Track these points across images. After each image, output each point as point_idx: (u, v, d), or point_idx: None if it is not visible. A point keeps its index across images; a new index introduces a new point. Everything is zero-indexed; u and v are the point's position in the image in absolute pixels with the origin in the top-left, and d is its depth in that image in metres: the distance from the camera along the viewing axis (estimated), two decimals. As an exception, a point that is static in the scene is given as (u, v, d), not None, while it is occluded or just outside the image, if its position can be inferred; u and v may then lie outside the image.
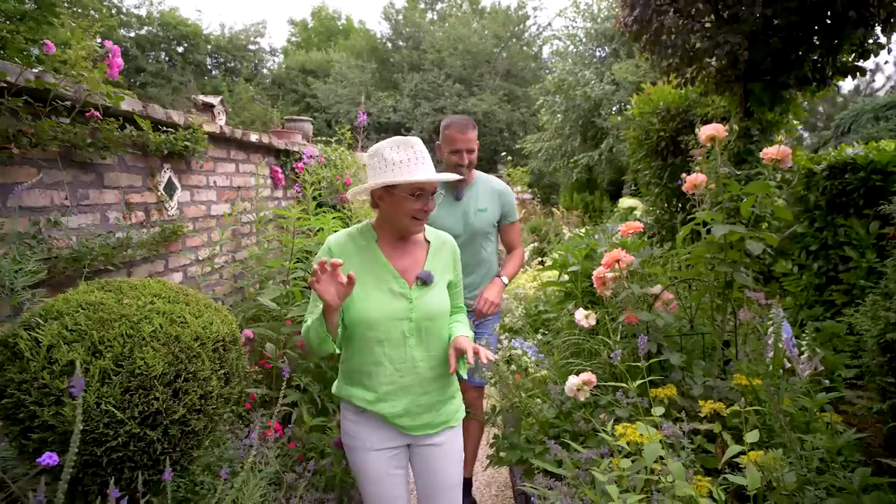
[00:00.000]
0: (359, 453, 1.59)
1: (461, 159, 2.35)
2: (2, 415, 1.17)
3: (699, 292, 2.50)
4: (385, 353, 1.53)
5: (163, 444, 1.26)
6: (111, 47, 1.89)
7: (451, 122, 2.38)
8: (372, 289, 1.52)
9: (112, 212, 2.40)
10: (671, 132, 4.83)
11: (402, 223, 1.53)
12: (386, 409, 1.55)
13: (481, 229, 2.46)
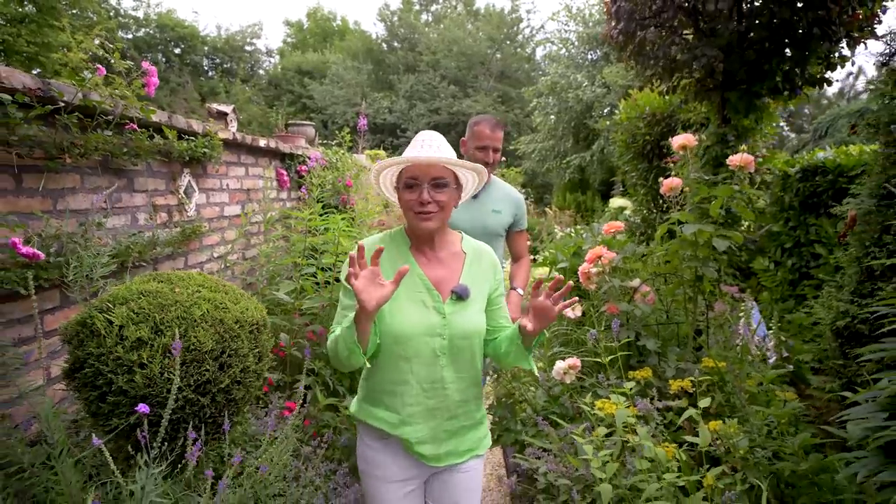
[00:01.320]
0: (375, 482, 1.46)
1: (487, 156, 2.36)
2: (82, 382, 1.41)
3: (673, 285, 2.76)
4: (413, 371, 1.39)
5: (211, 409, 1.50)
6: (149, 68, 2.13)
7: (482, 119, 2.41)
8: (403, 300, 1.37)
9: (140, 213, 2.63)
10: (656, 136, 5.11)
11: (408, 220, 1.44)
12: (408, 434, 1.41)
13: (494, 231, 2.46)
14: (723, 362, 2.37)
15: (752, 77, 3.74)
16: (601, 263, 2.75)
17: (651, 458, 1.79)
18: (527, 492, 2.31)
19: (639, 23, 3.80)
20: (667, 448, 1.85)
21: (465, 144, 2.46)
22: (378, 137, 18.75)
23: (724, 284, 3.30)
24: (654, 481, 1.70)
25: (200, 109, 18.25)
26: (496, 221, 2.47)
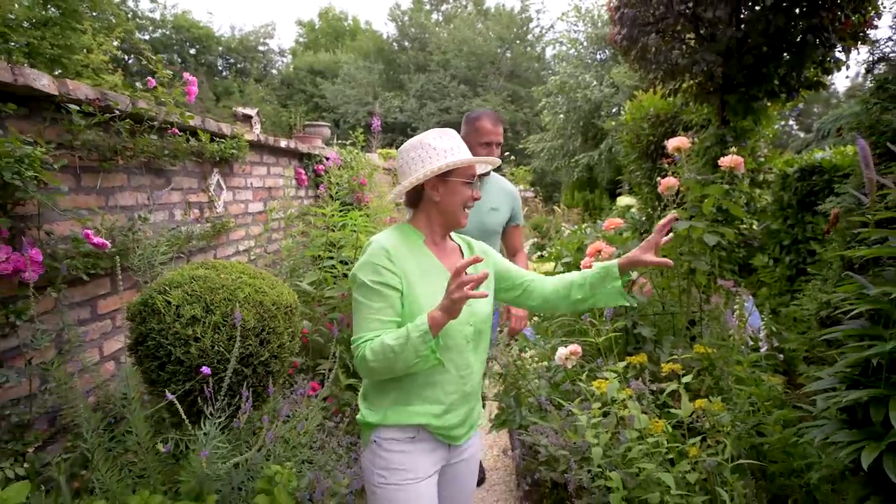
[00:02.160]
0: (407, 488, 1.42)
1: (490, 152, 2.29)
2: (144, 354, 1.65)
3: (668, 278, 2.95)
4: (451, 359, 1.42)
5: (252, 380, 1.73)
6: (189, 78, 2.36)
7: (483, 114, 2.34)
8: (437, 294, 1.35)
9: (177, 210, 2.87)
10: (660, 136, 5.28)
11: (456, 214, 1.46)
12: (451, 420, 1.45)
13: (492, 228, 2.42)
14: (713, 349, 2.55)
15: (750, 81, 3.91)
16: (601, 258, 2.95)
17: (641, 430, 1.99)
18: (530, 466, 2.52)
19: (641, 28, 3.99)
20: (656, 422, 2.05)
21: (464, 140, 2.48)
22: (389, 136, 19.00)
23: (721, 279, 3.48)
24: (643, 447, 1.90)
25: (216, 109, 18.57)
26: (494, 220, 2.42)
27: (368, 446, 1.46)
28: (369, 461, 1.45)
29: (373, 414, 1.45)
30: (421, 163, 1.42)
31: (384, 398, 1.44)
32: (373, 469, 1.44)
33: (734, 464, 1.88)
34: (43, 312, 1.90)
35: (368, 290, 1.36)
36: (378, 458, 1.43)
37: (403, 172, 1.46)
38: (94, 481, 1.45)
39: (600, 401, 2.20)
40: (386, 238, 1.43)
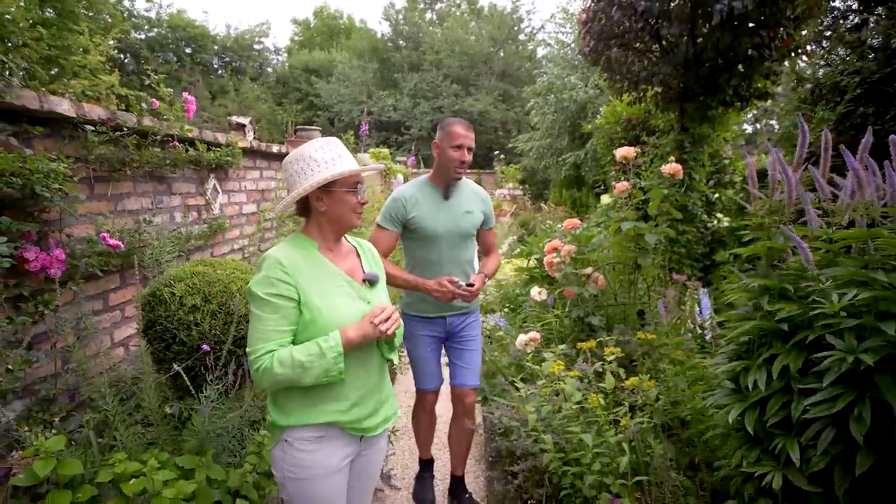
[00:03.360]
0: (316, 483, 1.46)
1: (463, 156, 2.34)
2: (152, 337, 1.98)
3: (618, 272, 3.28)
4: (357, 356, 1.48)
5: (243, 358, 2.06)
6: (189, 98, 2.68)
7: (454, 120, 2.40)
8: (334, 297, 1.46)
9: (177, 213, 3.19)
10: (631, 139, 5.61)
11: (346, 219, 1.51)
12: (359, 413, 1.50)
13: (467, 231, 2.47)
14: (653, 335, 2.89)
15: (706, 91, 4.24)
16: (562, 254, 3.29)
17: (580, 403, 2.33)
18: (493, 437, 2.86)
19: (606, 42, 4.30)
20: (594, 397, 2.39)
21: (437, 146, 2.39)
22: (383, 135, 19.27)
23: (678, 273, 3.82)
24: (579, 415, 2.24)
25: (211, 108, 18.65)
26: (469, 222, 2.47)
27: (279, 444, 1.48)
28: (279, 458, 1.47)
29: (282, 416, 1.46)
30: (304, 175, 1.44)
31: (291, 401, 1.45)
32: (283, 465, 1.46)
33: (650, 427, 2.22)
34: (64, 304, 2.23)
35: (264, 303, 1.39)
36: (288, 456, 1.45)
37: (289, 185, 1.49)
38: (116, 439, 1.78)
39: (547, 379, 2.55)
40: (280, 251, 1.45)
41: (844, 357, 1.35)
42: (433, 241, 2.41)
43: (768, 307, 1.64)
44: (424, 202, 2.40)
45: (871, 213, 1.53)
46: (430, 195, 2.42)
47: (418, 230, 2.39)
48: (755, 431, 1.65)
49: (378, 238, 2.39)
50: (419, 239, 2.42)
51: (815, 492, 1.47)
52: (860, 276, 1.41)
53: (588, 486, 2.09)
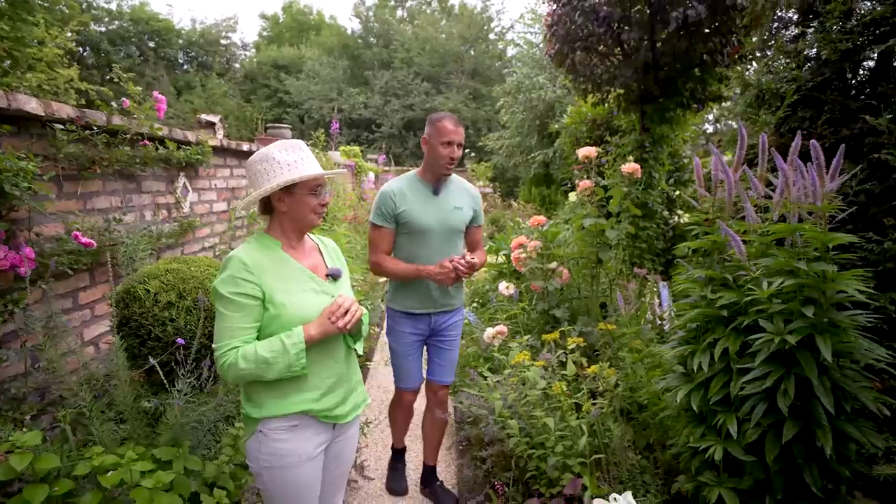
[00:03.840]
0: (291, 470, 1.52)
1: (453, 152, 2.33)
2: (127, 333, 2.01)
3: (581, 266, 3.44)
4: (323, 347, 1.52)
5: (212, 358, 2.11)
6: (159, 97, 2.69)
7: (444, 116, 2.38)
8: (299, 293, 1.51)
9: (146, 211, 3.18)
10: (596, 139, 5.81)
11: (307, 220, 1.55)
12: (331, 402, 1.55)
13: (456, 227, 2.46)
14: (614, 326, 3.05)
15: (664, 93, 4.45)
16: (527, 250, 3.42)
17: (544, 390, 2.46)
18: (462, 426, 2.97)
19: (570, 45, 4.46)
20: (558, 384, 2.52)
21: (426, 141, 2.38)
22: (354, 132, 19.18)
23: (639, 268, 4.01)
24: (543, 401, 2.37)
25: (176, 104, 18.21)
26: (458, 218, 2.46)
27: (253, 435, 1.52)
28: (255, 449, 1.52)
29: (255, 409, 1.50)
30: (266, 176, 1.48)
31: (263, 393, 1.50)
32: (258, 455, 1.51)
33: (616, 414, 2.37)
34: (34, 302, 2.22)
35: (228, 302, 1.43)
36: (263, 446, 1.50)
37: (252, 184, 1.52)
38: (92, 434, 1.81)
39: (514, 369, 2.67)
40: (244, 252, 1.49)
41: (773, 338, 1.51)
42: (422, 237, 2.39)
43: (711, 296, 1.80)
44: (413, 197, 2.39)
45: (801, 209, 1.70)
46: (420, 190, 2.41)
47: (408, 225, 2.37)
48: (700, 410, 1.81)
49: (375, 237, 2.39)
50: (408, 234, 2.40)
51: (749, 460, 1.63)
52: (787, 266, 1.57)
53: (551, 467, 2.22)
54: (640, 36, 4.06)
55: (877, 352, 1.52)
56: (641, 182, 3.99)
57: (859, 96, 2.30)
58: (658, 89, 4.43)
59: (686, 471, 2.00)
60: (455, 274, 2.28)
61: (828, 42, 2.25)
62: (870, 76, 2.32)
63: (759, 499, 1.65)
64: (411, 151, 18.92)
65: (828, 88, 2.37)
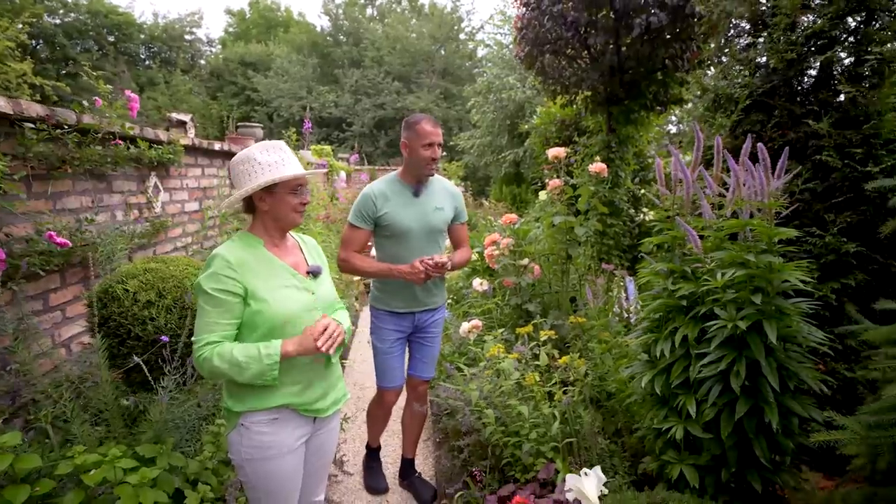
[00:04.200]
0: (273, 462, 1.56)
1: (434, 153, 2.35)
2: (106, 333, 2.01)
3: (552, 262, 3.57)
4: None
5: (199, 351, 2.13)
6: (131, 96, 2.67)
7: (423, 118, 2.40)
8: (281, 289, 1.55)
9: (118, 211, 3.14)
10: (564, 139, 5.98)
11: (289, 218, 1.59)
12: (312, 395, 1.60)
13: (437, 227, 2.48)
14: (583, 319, 3.18)
15: (629, 95, 4.64)
16: (500, 247, 3.53)
17: (518, 381, 2.56)
18: (439, 419, 3.05)
19: (539, 48, 4.60)
20: (531, 375, 2.63)
21: (406, 145, 2.40)
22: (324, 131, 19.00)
23: (607, 263, 4.17)
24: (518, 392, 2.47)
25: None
26: (439, 218, 2.48)
27: (235, 429, 1.56)
28: (237, 441, 1.55)
29: (237, 403, 1.54)
30: (248, 176, 1.53)
31: (245, 388, 1.53)
32: (240, 448, 1.55)
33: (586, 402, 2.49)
34: (4, 304, 2.19)
35: (210, 298, 1.47)
36: (245, 439, 1.54)
37: (235, 184, 1.57)
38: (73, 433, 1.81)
39: (489, 361, 2.77)
40: (227, 250, 1.53)
41: (726, 325, 1.65)
42: (404, 238, 2.42)
43: (671, 287, 1.93)
44: (395, 199, 2.41)
45: (752, 206, 1.85)
46: (401, 192, 2.43)
47: (389, 227, 2.40)
48: (663, 393, 1.94)
49: (351, 237, 2.41)
50: (390, 236, 2.43)
51: (707, 438, 1.77)
52: (738, 258, 1.71)
53: (526, 454, 2.33)
54: (605, 40, 4.22)
55: (817, 335, 1.68)
56: (608, 181, 4.15)
57: (804, 102, 2.48)
58: (623, 92, 4.61)
59: (651, 452, 2.13)
60: (425, 275, 2.32)
61: (775, 52, 2.42)
62: (813, 84, 2.51)
63: (715, 472, 1.79)
64: (382, 150, 18.88)
65: (776, 94, 2.55)
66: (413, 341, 2.65)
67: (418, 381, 2.68)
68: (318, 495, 1.83)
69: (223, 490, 2.06)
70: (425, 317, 2.58)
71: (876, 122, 2.22)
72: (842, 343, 2.29)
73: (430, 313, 2.59)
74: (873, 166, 2.17)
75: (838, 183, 2.32)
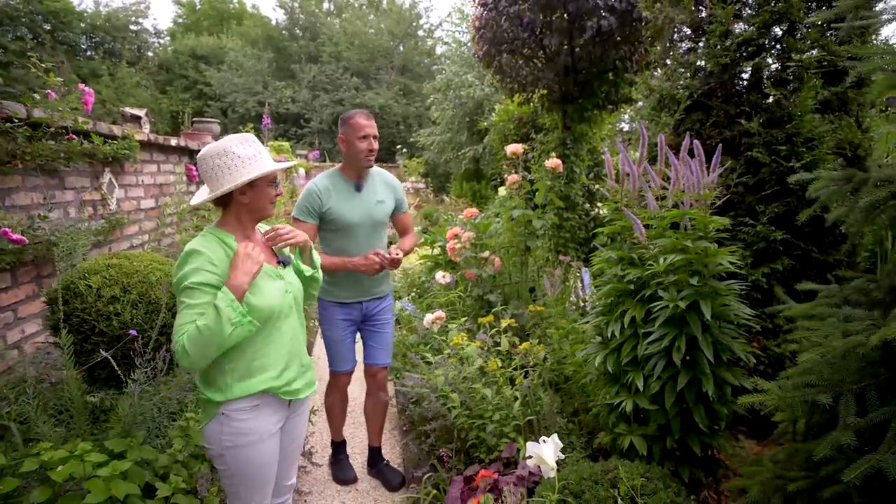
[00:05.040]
0: (254, 447, 1.60)
1: (370, 144, 2.43)
2: (70, 329, 1.99)
3: (512, 254, 3.72)
4: (280, 327, 1.64)
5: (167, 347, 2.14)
6: (86, 90, 2.61)
7: (355, 113, 2.48)
8: (258, 279, 1.57)
9: (71, 208, 3.06)
10: (522, 136, 6.16)
11: (266, 210, 1.65)
12: (289, 376, 1.66)
13: (381, 220, 2.57)
14: (542, 308, 3.34)
15: (583, 94, 4.84)
16: (462, 241, 3.64)
17: (480, 367, 2.68)
18: (405, 407, 3.14)
19: (497, 48, 4.73)
20: (493, 361, 2.76)
21: (343, 140, 2.48)
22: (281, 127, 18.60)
23: (563, 255, 4.36)
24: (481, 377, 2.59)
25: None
26: (382, 211, 2.58)
27: (215, 418, 1.58)
28: (216, 431, 1.58)
29: (218, 393, 1.56)
30: (227, 170, 1.53)
31: (225, 377, 1.56)
32: (220, 437, 1.57)
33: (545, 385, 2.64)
34: (-46, 304, 2.13)
35: (194, 291, 1.47)
36: (226, 427, 1.57)
37: (210, 178, 1.57)
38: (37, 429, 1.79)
39: (452, 349, 2.88)
40: (204, 245, 1.54)
41: (668, 305, 1.81)
42: (349, 231, 2.50)
43: (620, 273, 2.09)
44: (338, 193, 2.49)
45: (691, 197, 2.03)
46: (343, 187, 2.51)
47: (334, 221, 2.47)
48: (614, 371, 2.10)
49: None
50: (336, 230, 2.50)
51: (654, 409, 1.94)
52: (678, 245, 1.88)
53: (490, 435, 2.45)
54: (560, 41, 4.40)
55: (746, 312, 1.88)
56: (564, 176, 4.34)
57: (738, 103, 2.71)
58: (577, 91, 4.81)
59: (605, 427, 2.30)
60: (379, 265, 2.44)
61: (712, 56, 2.63)
62: (746, 87, 2.74)
63: (662, 441, 1.97)
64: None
65: (713, 96, 2.77)
66: (364, 330, 2.73)
67: (377, 369, 2.76)
68: (291, 479, 1.89)
69: (194, 482, 2.08)
70: (373, 305, 2.68)
71: (797, 123, 2.46)
72: (772, 322, 2.53)
73: (378, 301, 2.69)
74: (795, 162, 2.41)
75: (767, 177, 2.55)
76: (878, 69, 1.45)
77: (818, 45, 2.47)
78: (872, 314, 1.53)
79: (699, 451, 1.89)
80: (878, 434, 1.32)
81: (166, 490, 1.85)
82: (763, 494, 1.59)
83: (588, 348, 2.37)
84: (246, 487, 1.63)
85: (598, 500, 1.68)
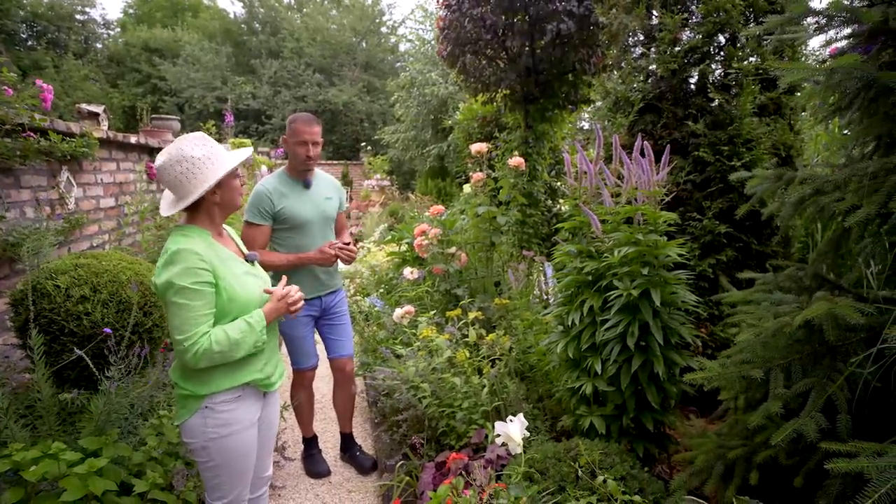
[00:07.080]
0: (237, 437, 1.65)
1: (307, 151, 2.49)
2: (38, 329, 1.98)
3: (477, 250, 3.84)
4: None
5: (140, 345, 2.15)
6: (44, 86, 2.55)
7: (297, 118, 2.55)
8: (241, 276, 1.64)
9: (28, 207, 2.98)
10: (486, 135, 6.30)
11: (235, 202, 1.69)
12: (268, 370, 1.73)
13: (331, 215, 2.69)
14: (507, 301, 3.48)
15: (544, 95, 5.01)
16: (429, 237, 3.74)
17: (449, 359, 2.79)
18: (377, 399, 3.22)
19: (461, 48, 4.83)
20: (462, 352, 2.87)
21: (286, 142, 2.56)
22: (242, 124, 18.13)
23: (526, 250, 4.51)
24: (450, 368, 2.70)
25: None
26: (330, 207, 2.68)
27: (198, 412, 1.61)
28: (199, 424, 1.60)
29: (203, 387, 1.59)
30: (192, 175, 1.54)
31: (212, 371, 1.60)
32: (204, 430, 1.60)
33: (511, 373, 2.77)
34: None
35: (191, 292, 1.49)
36: (210, 419, 1.60)
37: (174, 186, 1.57)
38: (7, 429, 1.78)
39: (422, 342, 2.98)
40: (188, 243, 1.55)
41: (622, 293, 1.97)
42: (304, 228, 2.56)
43: (579, 265, 2.24)
44: (289, 193, 2.54)
45: (643, 194, 2.19)
46: (292, 187, 2.57)
47: (288, 219, 2.52)
48: (575, 357, 2.25)
49: (253, 235, 2.46)
50: (290, 227, 2.55)
51: (611, 391, 2.09)
52: (631, 238, 2.04)
53: (459, 422, 2.56)
54: (521, 43, 4.54)
55: (692, 298, 2.05)
56: (527, 174, 4.49)
57: (686, 106, 2.91)
58: (538, 91, 4.98)
59: (567, 410, 2.45)
60: (335, 256, 2.55)
61: (662, 62, 2.82)
62: (693, 91, 2.94)
63: (619, 420, 2.12)
64: (304, 144, 18.21)
65: (664, 99, 2.96)
66: (324, 325, 2.81)
67: (345, 360, 2.85)
68: (268, 470, 1.95)
69: (169, 478, 2.10)
70: (329, 299, 2.77)
71: (738, 125, 2.67)
72: (718, 308, 2.75)
73: (333, 295, 2.79)
74: (737, 161, 2.63)
75: (712, 175, 2.76)
76: (802, 80, 1.64)
77: (756, 54, 2.68)
78: (800, 298, 1.72)
79: (651, 427, 2.06)
80: (801, 403, 1.50)
81: (143, 486, 1.88)
82: (707, 463, 1.77)
83: (551, 337, 2.51)
84: (228, 477, 1.67)
85: (561, 474, 1.81)
